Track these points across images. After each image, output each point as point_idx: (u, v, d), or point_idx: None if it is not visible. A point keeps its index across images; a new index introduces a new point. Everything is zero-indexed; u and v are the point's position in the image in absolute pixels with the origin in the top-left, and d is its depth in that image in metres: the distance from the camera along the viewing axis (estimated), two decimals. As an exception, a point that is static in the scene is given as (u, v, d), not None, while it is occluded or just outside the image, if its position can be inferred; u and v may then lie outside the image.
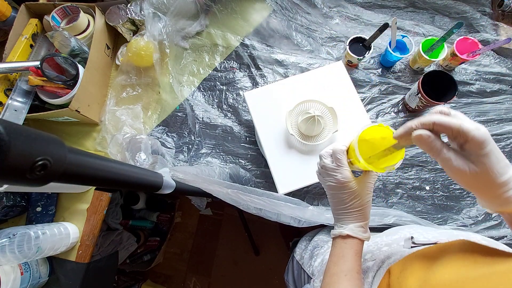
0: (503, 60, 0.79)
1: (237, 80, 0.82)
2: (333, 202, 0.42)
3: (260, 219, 0.67)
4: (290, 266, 0.71)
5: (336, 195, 0.41)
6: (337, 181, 0.39)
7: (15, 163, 0.21)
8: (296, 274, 0.66)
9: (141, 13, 0.76)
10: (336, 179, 0.39)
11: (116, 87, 0.79)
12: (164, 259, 1.49)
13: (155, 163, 0.64)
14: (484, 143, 0.28)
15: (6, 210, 0.66)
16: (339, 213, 0.41)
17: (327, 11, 0.84)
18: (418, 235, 0.47)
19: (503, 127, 0.73)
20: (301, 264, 0.64)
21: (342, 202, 0.40)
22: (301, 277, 0.63)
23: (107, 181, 0.35)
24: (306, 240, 0.72)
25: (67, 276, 0.67)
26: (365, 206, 0.40)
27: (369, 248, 0.49)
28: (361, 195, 0.39)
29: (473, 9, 0.82)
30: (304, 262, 0.63)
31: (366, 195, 0.40)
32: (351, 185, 0.39)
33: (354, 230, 0.39)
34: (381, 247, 0.48)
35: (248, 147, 0.76)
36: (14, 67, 0.67)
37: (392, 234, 0.51)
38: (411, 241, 0.43)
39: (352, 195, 0.39)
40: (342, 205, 0.40)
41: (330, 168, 0.40)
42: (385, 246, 0.48)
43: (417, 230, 0.50)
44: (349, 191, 0.39)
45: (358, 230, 0.39)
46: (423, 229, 0.51)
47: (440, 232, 0.48)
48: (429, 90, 0.65)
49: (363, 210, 0.40)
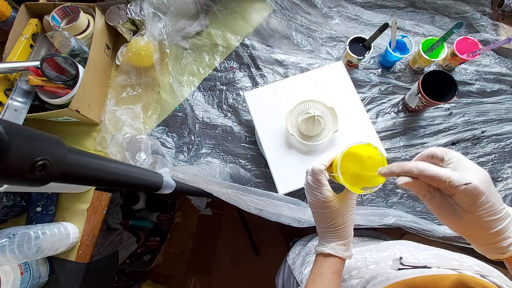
0: (503, 60, 0.79)
1: (237, 80, 0.82)
2: (316, 220, 0.42)
3: (260, 219, 0.67)
4: (282, 269, 0.71)
5: (317, 213, 0.41)
6: (317, 200, 0.39)
7: (15, 163, 0.21)
8: (285, 278, 0.66)
9: (141, 13, 0.76)
10: (317, 199, 0.39)
11: (116, 87, 0.79)
12: (164, 259, 1.49)
13: (155, 163, 0.64)
14: (474, 199, 0.27)
15: (6, 210, 0.66)
16: (321, 231, 0.41)
17: (327, 11, 0.84)
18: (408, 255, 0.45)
19: (503, 127, 0.73)
20: (292, 269, 0.64)
21: (324, 221, 0.40)
22: (290, 281, 0.63)
23: (107, 181, 0.35)
24: (300, 245, 0.72)
25: (67, 276, 0.67)
26: (347, 224, 0.39)
27: (357, 264, 0.48)
28: (342, 214, 0.39)
29: (473, 9, 0.82)
30: (295, 268, 0.63)
31: (348, 213, 0.39)
32: (332, 205, 0.39)
33: (335, 249, 0.39)
34: (368, 264, 0.47)
35: (248, 147, 0.76)
36: (14, 67, 0.67)
37: (382, 251, 0.50)
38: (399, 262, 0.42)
39: (333, 214, 0.39)
40: (323, 224, 0.40)
41: (312, 187, 0.40)
42: (372, 264, 0.46)
43: (408, 249, 0.48)
44: (329, 210, 0.39)
45: (340, 248, 0.39)
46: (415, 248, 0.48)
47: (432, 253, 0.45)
48: (429, 90, 0.65)
49: (345, 229, 0.39)
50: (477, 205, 0.27)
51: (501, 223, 0.28)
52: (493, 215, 0.28)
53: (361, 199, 0.71)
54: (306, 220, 0.62)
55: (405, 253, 0.46)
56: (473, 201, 0.27)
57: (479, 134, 0.73)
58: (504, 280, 0.38)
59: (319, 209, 0.40)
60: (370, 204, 0.70)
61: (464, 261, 0.41)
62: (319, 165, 0.39)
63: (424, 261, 0.42)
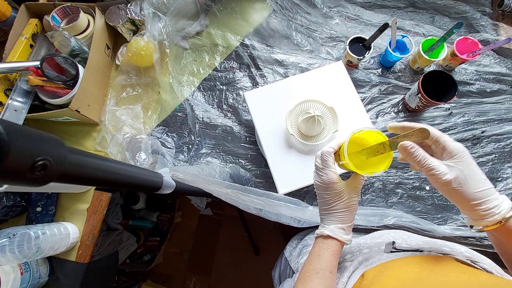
0: (503, 60, 0.79)
1: (237, 80, 0.82)
2: (319, 202, 0.42)
3: (260, 219, 0.67)
4: (279, 262, 0.72)
5: (320, 195, 0.41)
6: (322, 181, 0.40)
7: (15, 163, 0.21)
8: (282, 269, 0.67)
9: (141, 13, 0.76)
10: (321, 179, 0.40)
11: (116, 87, 0.79)
12: (164, 259, 1.49)
13: (155, 163, 0.64)
14: (461, 153, 0.34)
15: (6, 210, 0.66)
16: (323, 213, 0.42)
17: (327, 11, 0.84)
18: (401, 241, 0.47)
19: (503, 127, 0.73)
20: (289, 260, 0.64)
21: (326, 202, 0.41)
22: (286, 271, 0.64)
23: (107, 181, 0.35)
24: (297, 239, 0.72)
25: (67, 276, 0.67)
26: (349, 209, 0.40)
27: (351, 249, 0.49)
28: (344, 197, 0.40)
29: (473, 9, 0.82)
30: (292, 259, 0.64)
31: (351, 198, 0.40)
32: (336, 187, 0.39)
33: (334, 231, 0.40)
34: (362, 249, 0.48)
35: (248, 147, 0.76)
36: (14, 67, 0.67)
37: (376, 238, 0.52)
38: (391, 246, 0.44)
39: (335, 196, 0.40)
40: (325, 206, 0.41)
41: (318, 168, 0.41)
42: (366, 249, 0.48)
43: (401, 236, 0.50)
44: (332, 191, 0.40)
45: (339, 231, 0.40)
46: (408, 236, 0.50)
47: (424, 240, 0.47)
48: (429, 90, 0.65)
49: (346, 212, 0.40)
50: (464, 159, 0.34)
51: (484, 185, 0.33)
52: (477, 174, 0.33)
53: (361, 199, 0.71)
54: (306, 220, 0.62)
55: (398, 240, 0.48)
56: (460, 154, 0.34)
57: (479, 134, 0.73)
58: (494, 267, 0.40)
59: (323, 190, 0.41)
60: (370, 204, 0.70)
61: (455, 248, 0.43)
62: (328, 147, 0.41)
63: (416, 246, 0.44)
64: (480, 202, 0.33)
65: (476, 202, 0.33)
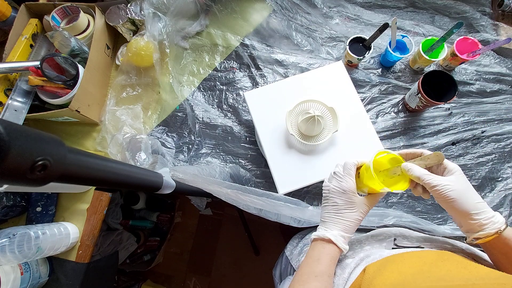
0: (503, 60, 0.79)
1: (237, 80, 0.82)
2: (328, 205, 0.43)
3: (260, 219, 0.67)
4: (280, 261, 0.72)
5: (332, 199, 0.42)
6: (340, 187, 0.42)
7: (15, 163, 0.21)
8: (283, 268, 0.67)
9: (141, 13, 0.76)
10: (340, 185, 0.42)
11: (116, 87, 0.79)
12: (164, 259, 1.49)
13: (155, 163, 0.64)
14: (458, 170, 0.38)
15: (6, 210, 0.66)
16: (329, 216, 0.43)
17: (327, 11, 0.84)
18: (402, 238, 0.48)
19: (503, 127, 0.73)
20: (290, 259, 0.65)
21: (336, 207, 0.42)
22: (287, 270, 0.64)
23: (107, 181, 0.35)
24: (298, 238, 0.73)
25: (67, 276, 0.67)
26: (355, 222, 0.41)
27: (352, 246, 0.50)
28: (355, 209, 0.41)
29: (473, 9, 0.82)
30: (293, 257, 0.64)
31: (360, 213, 0.42)
32: (351, 196, 0.41)
33: (337, 238, 0.40)
34: (363, 246, 0.49)
35: (248, 147, 0.76)
36: (14, 67, 0.67)
37: (377, 235, 0.52)
38: (393, 243, 0.45)
39: (348, 204, 0.41)
40: (334, 211, 0.42)
41: (339, 175, 0.43)
42: (367, 246, 0.49)
43: (403, 233, 0.51)
44: (347, 199, 0.41)
45: (340, 238, 0.41)
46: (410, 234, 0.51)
47: (425, 237, 0.48)
48: (429, 90, 0.65)
49: (352, 224, 0.41)
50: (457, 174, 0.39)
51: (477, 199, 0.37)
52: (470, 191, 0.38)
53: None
54: (306, 220, 0.62)
55: (399, 237, 0.49)
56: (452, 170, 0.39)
57: (479, 134, 0.73)
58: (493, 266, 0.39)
59: (338, 195, 0.42)
60: (370, 204, 0.70)
61: (457, 245, 0.45)
62: (353, 159, 0.44)
63: (417, 243, 0.45)
64: (480, 212, 0.36)
65: (477, 212, 0.36)
